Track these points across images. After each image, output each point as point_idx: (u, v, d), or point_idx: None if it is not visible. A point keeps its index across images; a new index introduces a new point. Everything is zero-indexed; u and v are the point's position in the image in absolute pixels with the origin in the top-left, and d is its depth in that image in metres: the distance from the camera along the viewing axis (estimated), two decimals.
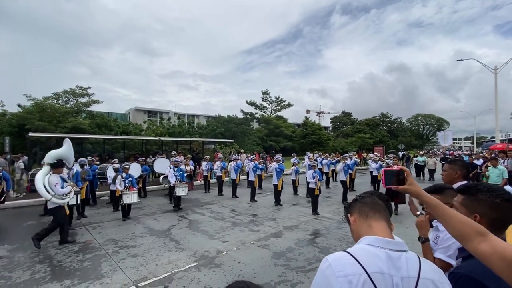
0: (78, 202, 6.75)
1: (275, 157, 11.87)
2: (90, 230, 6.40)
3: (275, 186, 9.08)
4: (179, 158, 11.23)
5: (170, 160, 10.51)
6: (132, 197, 7.36)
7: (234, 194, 10.44)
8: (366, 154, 26.71)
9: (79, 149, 16.40)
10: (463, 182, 2.35)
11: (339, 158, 12.92)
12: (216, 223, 6.91)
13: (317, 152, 18.69)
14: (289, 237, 5.80)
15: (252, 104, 45.51)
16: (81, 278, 4.03)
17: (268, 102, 47.25)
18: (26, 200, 9.29)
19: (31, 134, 12.98)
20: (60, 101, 21.68)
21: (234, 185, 10.61)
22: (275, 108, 48.06)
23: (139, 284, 3.85)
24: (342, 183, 9.81)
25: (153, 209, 8.62)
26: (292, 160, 13.04)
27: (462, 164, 2.47)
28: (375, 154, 14.44)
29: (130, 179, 7.94)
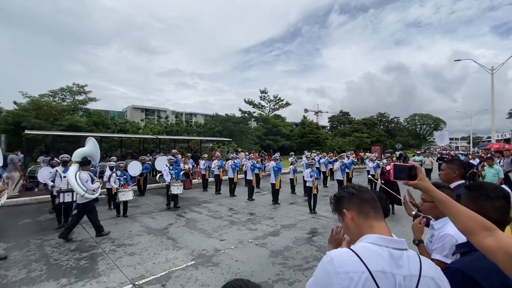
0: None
1: (273, 156, 11.89)
2: (87, 228, 6.36)
3: (273, 185, 9.08)
4: (179, 157, 11.21)
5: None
6: (128, 195, 7.36)
7: (232, 193, 10.43)
8: (363, 154, 26.86)
9: (75, 147, 16.31)
10: (461, 181, 2.37)
11: (337, 157, 12.99)
12: (214, 222, 6.90)
13: (315, 151, 18.76)
14: (286, 236, 5.81)
15: (250, 103, 45.42)
16: (77, 277, 4.01)
17: (266, 101, 47.23)
18: (23, 198, 9.21)
19: (27, 131, 12.84)
20: (56, 98, 21.46)
21: (232, 184, 10.61)
22: (273, 107, 48.04)
23: (137, 283, 3.83)
24: (339, 182, 9.84)
25: (151, 207, 8.60)
26: (290, 159, 13.06)
27: (460, 163, 2.49)
28: (373, 154, 14.51)
29: (125, 177, 7.98)
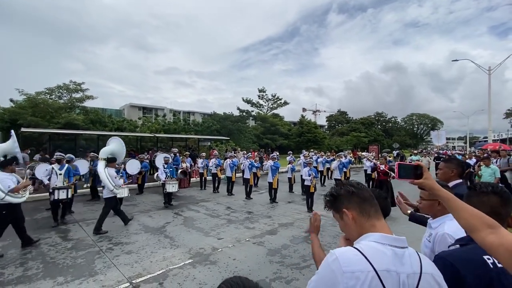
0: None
1: (270, 155, 11.88)
2: (84, 226, 6.33)
3: (271, 184, 9.09)
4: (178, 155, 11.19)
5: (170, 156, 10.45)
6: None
7: (229, 192, 10.43)
8: (360, 153, 26.95)
9: (72, 145, 16.25)
10: (458, 180, 2.38)
11: (334, 157, 13.01)
12: (212, 220, 6.89)
13: (313, 150, 18.80)
14: (284, 234, 5.82)
15: (248, 101, 45.41)
16: (74, 275, 3.99)
17: (265, 100, 47.27)
18: None
19: (23, 129, 12.77)
20: (53, 96, 21.34)
21: (230, 183, 10.60)
22: (272, 106, 48.10)
23: (134, 281, 3.82)
24: (337, 181, 9.86)
25: (148, 206, 8.57)
26: (288, 158, 13.07)
27: (457, 162, 2.50)
28: (370, 154, 14.56)
29: (121, 174, 7.91)
